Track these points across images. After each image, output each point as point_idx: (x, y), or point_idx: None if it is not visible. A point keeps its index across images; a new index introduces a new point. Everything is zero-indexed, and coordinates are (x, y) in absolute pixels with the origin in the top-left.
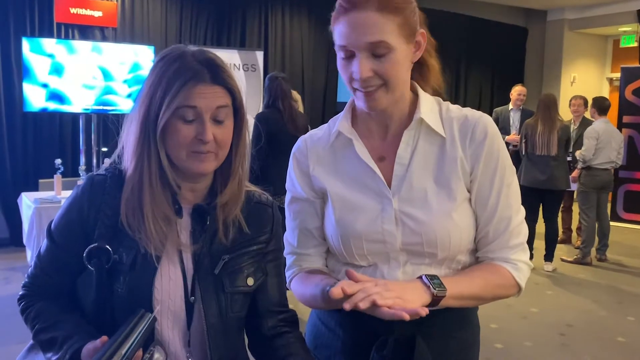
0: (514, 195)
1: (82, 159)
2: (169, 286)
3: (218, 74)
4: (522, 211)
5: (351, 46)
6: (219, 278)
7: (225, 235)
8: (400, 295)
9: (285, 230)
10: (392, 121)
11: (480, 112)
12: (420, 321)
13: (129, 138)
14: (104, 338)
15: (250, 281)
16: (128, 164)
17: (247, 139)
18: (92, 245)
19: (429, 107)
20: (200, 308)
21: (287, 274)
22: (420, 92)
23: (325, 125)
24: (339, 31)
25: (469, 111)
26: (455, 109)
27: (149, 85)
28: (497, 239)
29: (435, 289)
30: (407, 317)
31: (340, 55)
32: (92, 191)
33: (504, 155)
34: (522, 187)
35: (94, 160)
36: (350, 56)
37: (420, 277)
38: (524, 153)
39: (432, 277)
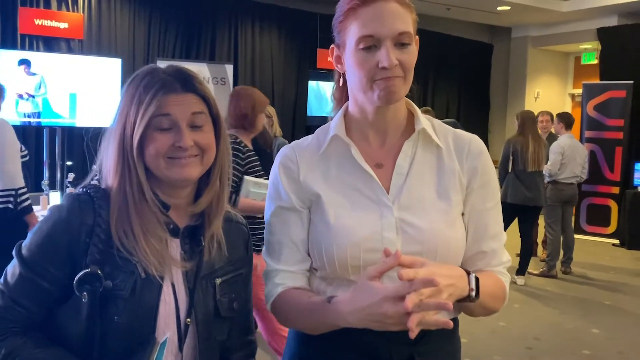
0: (501, 213)
1: (46, 173)
2: (165, 310)
3: (188, 82)
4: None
5: (379, 35)
6: (215, 302)
7: (213, 256)
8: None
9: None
10: (389, 130)
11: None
12: (416, 341)
13: (107, 159)
14: None
15: (236, 306)
16: (110, 183)
17: (228, 151)
18: (84, 271)
19: (424, 121)
20: (195, 331)
21: (272, 292)
22: (415, 107)
23: (310, 135)
24: (361, 22)
25: (457, 129)
26: (445, 126)
27: (122, 105)
28: (495, 255)
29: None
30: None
31: (359, 47)
32: (82, 213)
33: (495, 173)
34: (508, 205)
35: (58, 175)
36: (373, 47)
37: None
38: (510, 170)
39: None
